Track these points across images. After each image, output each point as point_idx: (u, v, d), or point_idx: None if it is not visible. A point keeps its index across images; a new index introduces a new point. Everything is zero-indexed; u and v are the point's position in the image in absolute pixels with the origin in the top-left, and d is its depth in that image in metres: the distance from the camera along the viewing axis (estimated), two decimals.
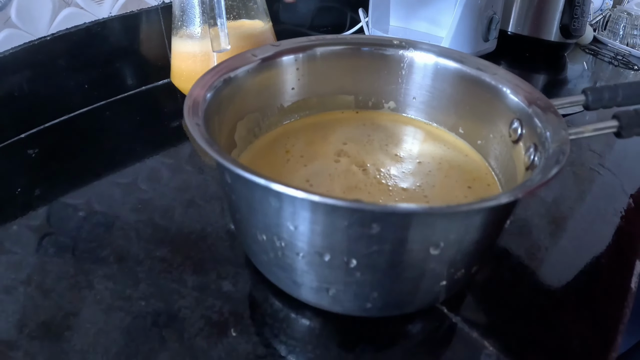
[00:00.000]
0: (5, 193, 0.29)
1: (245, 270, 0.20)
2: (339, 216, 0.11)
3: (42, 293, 0.20)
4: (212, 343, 0.17)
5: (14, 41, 0.34)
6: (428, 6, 0.41)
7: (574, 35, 0.50)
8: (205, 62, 0.31)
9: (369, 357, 0.16)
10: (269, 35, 0.34)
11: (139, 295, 0.19)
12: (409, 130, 0.24)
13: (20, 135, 0.36)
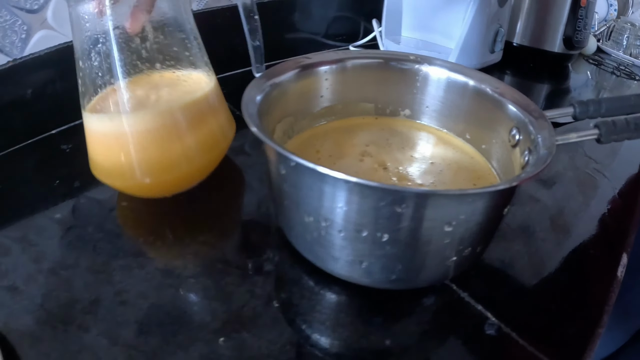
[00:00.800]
0: (33, 186, 0.34)
1: (283, 253, 0.25)
2: (379, 197, 0.17)
3: (62, 283, 0.24)
4: (257, 313, 0.22)
5: (49, 42, 0.40)
6: (438, 18, 0.47)
7: (577, 47, 0.56)
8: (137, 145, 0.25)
9: (387, 326, 0.22)
10: (216, 95, 0.29)
11: (188, 274, 0.24)
12: (423, 135, 0.29)
13: (52, 131, 0.41)
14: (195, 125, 0.26)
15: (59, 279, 0.24)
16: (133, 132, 0.25)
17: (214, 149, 0.29)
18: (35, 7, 0.39)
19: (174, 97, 0.27)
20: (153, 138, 0.25)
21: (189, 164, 0.27)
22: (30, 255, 0.26)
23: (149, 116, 0.25)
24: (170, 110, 0.26)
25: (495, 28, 0.47)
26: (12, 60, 0.39)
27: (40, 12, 0.39)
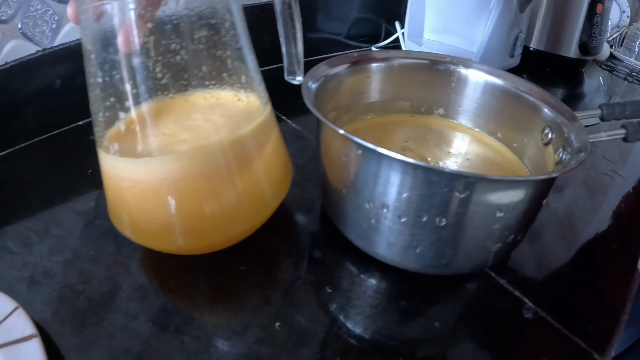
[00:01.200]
0: (57, 177, 0.35)
1: (332, 241, 0.27)
2: (442, 183, 0.19)
3: (81, 277, 0.25)
4: (309, 297, 0.24)
5: (79, 33, 0.42)
6: (460, 22, 0.51)
7: (592, 53, 0.60)
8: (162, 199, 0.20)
9: (435, 310, 0.24)
10: (270, 125, 0.24)
11: (236, 260, 0.26)
12: (457, 133, 0.32)
13: (79, 122, 0.43)
14: (244, 173, 0.22)
15: (77, 271, 0.26)
16: (163, 184, 0.20)
17: (266, 207, 0.24)
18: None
19: (221, 133, 0.21)
20: (190, 192, 0.20)
21: (233, 226, 0.23)
22: (49, 247, 0.28)
23: (186, 162, 0.20)
24: (215, 152, 0.21)
25: (516, 33, 0.50)
26: (42, 50, 0.41)
27: None
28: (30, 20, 0.40)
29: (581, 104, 0.58)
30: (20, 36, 0.40)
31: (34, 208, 0.32)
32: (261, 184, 0.23)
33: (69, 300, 0.24)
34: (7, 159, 0.39)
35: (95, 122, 0.23)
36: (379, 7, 0.54)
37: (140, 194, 0.21)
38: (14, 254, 0.27)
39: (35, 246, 0.28)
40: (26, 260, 0.27)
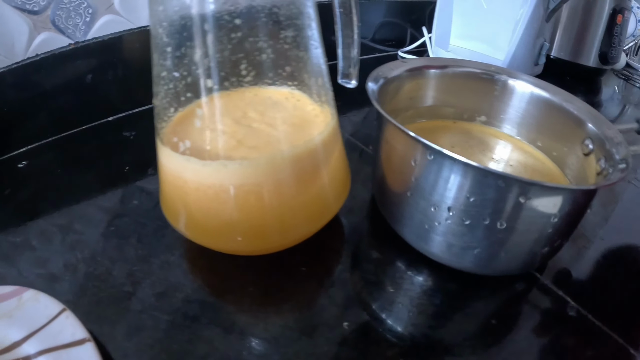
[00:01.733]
0: (83, 173, 0.37)
1: (386, 242, 0.30)
2: (510, 189, 0.22)
3: (102, 273, 0.27)
4: (373, 296, 0.27)
5: (113, 27, 0.44)
6: (486, 30, 0.54)
7: (611, 62, 0.64)
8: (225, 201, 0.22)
9: (491, 308, 0.27)
10: (337, 133, 0.26)
11: (293, 262, 0.29)
12: (498, 140, 0.36)
13: (109, 117, 0.45)
14: (312, 180, 0.23)
15: (98, 269, 0.27)
16: (227, 186, 0.22)
17: (328, 212, 0.26)
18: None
19: (291, 138, 0.23)
20: (254, 197, 0.22)
21: (295, 231, 0.25)
22: (72, 244, 0.29)
23: (255, 168, 0.22)
24: (287, 161, 0.22)
25: (541, 42, 0.54)
26: (75, 43, 0.43)
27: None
28: (63, 13, 0.42)
29: (605, 107, 0.62)
30: (52, 28, 0.42)
31: (62, 204, 0.33)
32: (325, 190, 0.26)
33: (120, 301, 0.25)
34: (36, 153, 0.40)
35: (161, 117, 0.24)
36: (404, 11, 0.58)
37: (204, 195, 0.23)
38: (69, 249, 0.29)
39: (76, 243, 0.30)
40: (66, 258, 0.28)
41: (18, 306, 0.23)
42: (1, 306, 0.24)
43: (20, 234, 0.30)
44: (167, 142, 0.24)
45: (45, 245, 0.29)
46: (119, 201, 0.34)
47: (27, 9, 0.40)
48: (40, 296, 0.24)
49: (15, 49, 0.41)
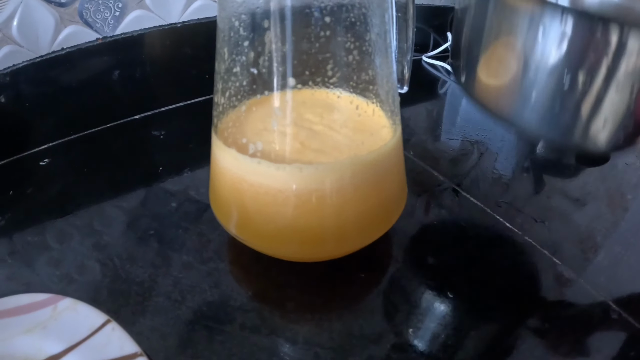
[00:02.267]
0: (107, 172, 0.37)
1: (439, 246, 0.30)
2: None
3: (144, 280, 0.26)
4: (436, 304, 0.27)
5: (143, 23, 0.43)
6: None
7: None
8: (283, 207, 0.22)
9: (547, 315, 0.27)
10: (401, 144, 0.26)
11: (351, 270, 0.29)
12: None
13: (135, 116, 0.44)
14: (373, 190, 0.23)
15: (139, 276, 0.27)
16: (300, 191, 0.22)
17: (387, 222, 0.26)
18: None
19: (359, 149, 0.23)
20: (326, 201, 0.22)
21: (354, 240, 0.25)
22: (90, 244, 0.29)
23: (331, 172, 0.22)
24: (361, 165, 0.22)
25: None
26: (102, 38, 0.42)
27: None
28: (91, 6, 0.41)
29: None
30: (79, 22, 0.41)
31: (89, 204, 0.33)
32: (386, 201, 0.26)
33: (168, 311, 0.25)
34: (59, 150, 0.40)
35: (226, 116, 0.24)
36: (427, 16, 0.58)
37: (273, 199, 0.22)
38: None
39: (109, 247, 0.29)
40: (103, 264, 0.27)
41: (53, 316, 0.22)
42: (34, 316, 0.22)
43: (48, 235, 0.30)
44: (232, 143, 0.23)
45: (78, 249, 0.29)
46: (155, 204, 0.33)
47: (54, 0, 0.39)
48: (79, 305, 0.23)
49: (40, 42, 0.40)
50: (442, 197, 0.35)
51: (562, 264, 0.30)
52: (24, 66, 0.39)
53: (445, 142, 0.44)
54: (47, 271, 0.27)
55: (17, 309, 0.23)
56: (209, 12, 0.45)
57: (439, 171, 0.38)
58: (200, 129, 0.29)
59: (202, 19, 0.45)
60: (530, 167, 0.42)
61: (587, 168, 0.43)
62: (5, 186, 0.34)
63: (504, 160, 0.41)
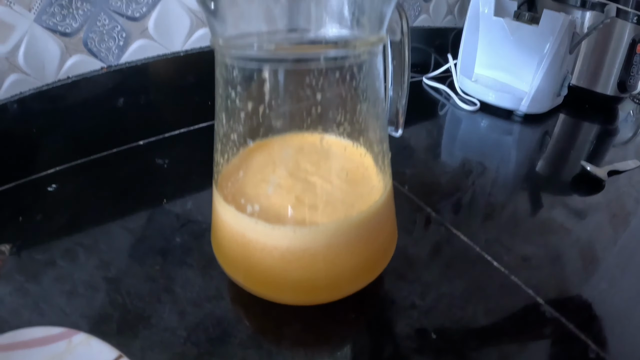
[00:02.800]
0: (112, 195, 0.39)
1: (426, 286, 0.32)
2: None
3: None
4: (422, 342, 0.29)
5: (147, 52, 0.45)
6: (511, 60, 0.57)
7: (629, 90, 0.68)
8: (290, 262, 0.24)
9: (523, 350, 0.30)
10: (392, 198, 0.28)
11: None
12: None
13: (139, 142, 0.46)
14: (365, 244, 0.25)
15: (147, 311, 0.28)
16: (293, 249, 0.24)
17: (377, 269, 0.29)
18: (137, 14, 0.44)
19: (354, 207, 0.25)
20: (317, 258, 0.24)
21: (345, 288, 0.27)
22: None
23: (322, 234, 0.24)
24: (350, 226, 0.24)
25: (564, 73, 0.57)
26: (107, 67, 0.44)
27: (142, 20, 0.44)
28: (96, 36, 0.43)
29: (617, 138, 0.65)
30: (84, 51, 0.43)
31: (98, 235, 0.35)
32: (377, 252, 0.28)
33: (174, 346, 0.26)
34: (66, 175, 0.42)
35: (223, 174, 0.26)
36: (428, 37, 0.60)
37: (269, 255, 0.24)
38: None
39: (120, 281, 0.31)
40: (111, 297, 0.29)
41: (68, 350, 0.24)
42: (49, 349, 0.24)
43: (59, 268, 0.32)
44: (231, 201, 0.25)
45: (85, 283, 0.31)
46: (161, 238, 0.35)
47: (59, 30, 0.41)
48: (92, 340, 0.24)
49: (45, 71, 0.42)
50: (433, 235, 0.37)
51: (545, 303, 0.32)
52: (30, 94, 0.41)
53: (440, 169, 0.46)
54: (59, 302, 0.29)
55: (33, 341, 0.25)
56: None
57: (431, 206, 0.40)
58: (202, 155, 0.31)
59: (205, 47, 0.47)
60: (524, 198, 0.44)
61: (582, 197, 0.45)
62: (15, 211, 0.37)
63: (498, 191, 0.43)
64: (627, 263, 0.37)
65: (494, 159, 0.50)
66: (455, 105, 0.55)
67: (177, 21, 0.45)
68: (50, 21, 0.40)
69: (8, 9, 0.38)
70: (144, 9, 0.44)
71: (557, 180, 0.48)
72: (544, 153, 0.54)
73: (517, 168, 0.50)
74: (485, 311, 0.32)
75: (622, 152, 0.58)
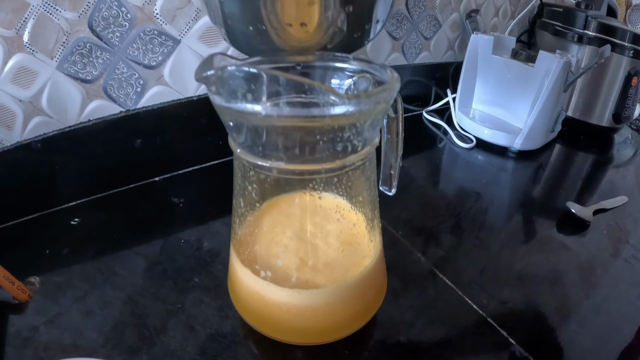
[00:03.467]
0: (128, 227, 0.44)
1: (414, 328, 0.37)
2: None
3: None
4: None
5: (162, 97, 0.50)
6: (508, 98, 0.60)
7: (624, 121, 0.71)
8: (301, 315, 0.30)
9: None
10: (382, 260, 0.34)
11: None
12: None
13: (155, 178, 0.51)
14: (359, 299, 0.31)
15: (172, 344, 0.33)
16: (299, 306, 0.30)
17: (368, 315, 0.34)
18: (153, 63, 0.49)
19: (351, 264, 0.31)
20: (318, 312, 0.30)
21: (340, 332, 0.33)
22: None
23: (321, 295, 0.30)
24: (347, 287, 0.30)
25: (558, 111, 0.61)
26: (125, 111, 0.49)
27: (158, 68, 0.49)
28: (115, 82, 0.48)
29: (610, 167, 0.69)
30: (104, 97, 0.48)
31: (121, 271, 0.39)
32: (369, 303, 0.33)
33: None
34: (87, 208, 0.47)
35: (240, 241, 0.32)
36: (430, 72, 0.64)
37: (278, 309, 0.31)
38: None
39: (145, 316, 0.36)
40: (140, 331, 0.34)
41: None
42: None
43: (86, 303, 0.36)
44: (247, 265, 0.31)
45: (118, 316, 0.35)
46: (180, 278, 0.40)
47: (80, 77, 0.46)
48: None
49: (68, 114, 0.47)
50: (421, 280, 0.41)
51: (516, 344, 0.37)
52: (54, 134, 0.46)
53: (432, 211, 0.51)
54: (91, 334, 0.34)
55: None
56: None
57: (421, 250, 0.44)
58: (213, 189, 0.36)
59: None
60: (508, 241, 0.48)
61: (566, 237, 0.49)
62: (41, 243, 0.42)
63: (484, 234, 0.48)
64: (601, 304, 0.42)
65: (486, 197, 0.54)
66: (453, 141, 0.60)
67: (191, 69, 0.50)
68: (72, 69, 0.45)
69: (31, 56, 0.42)
70: (160, 58, 0.48)
71: (544, 220, 0.52)
72: (535, 190, 0.58)
73: (506, 208, 0.54)
74: (460, 350, 0.36)
75: (612, 186, 0.62)
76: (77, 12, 0.43)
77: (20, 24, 0.41)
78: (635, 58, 0.67)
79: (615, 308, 0.41)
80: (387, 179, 0.36)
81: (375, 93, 0.23)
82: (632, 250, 0.52)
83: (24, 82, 0.43)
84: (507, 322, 0.38)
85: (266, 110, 0.22)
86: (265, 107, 0.22)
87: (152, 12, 0.47)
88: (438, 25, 0.65)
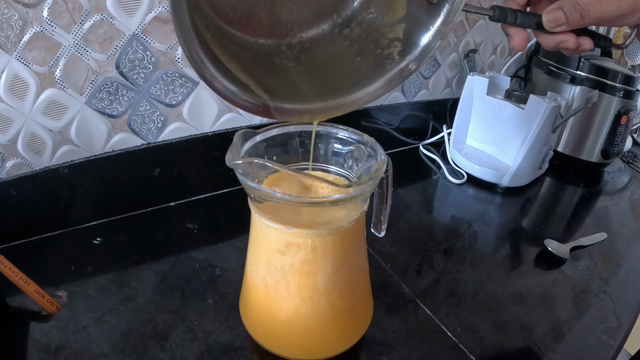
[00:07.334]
0: (141, 246, 0.54)
1: (404, 342, 0.48)
2: None
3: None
4: None
5: (181, 132, 0.60)
6: (499, 136, 0.71)
7: (613, 157, 0.82)
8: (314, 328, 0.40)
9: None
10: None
11: None
12: None
13: (170, 203, 0.62)
14: (351, 324, 0.42)
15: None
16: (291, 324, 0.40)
17: (357, 336, 0.44)
18: (173, 102, 0.59)
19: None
20: (315, 336, 0.41)
21: (333, 351, 0.42)
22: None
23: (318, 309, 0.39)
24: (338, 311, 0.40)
25: (546, 150, 0.71)
26: (147, 144, 0.59)
27: (178, 106, 0.59)
28: (138, 118, 0.58)
29: (599, 201, 0.79)
30: (128, 130, 0.58)
31: (139, 291, 0.49)
32: (361, 326, 0.44)
33: None
34: (108, 228, 0.57)
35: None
36: (427, 107, 0.74)
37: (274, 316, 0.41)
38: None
39: (167, 333, 0.47)
40: (166, 350, 0.45)
41: None
42: None
43: (111, 315, 0.46)
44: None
45: (134, 332, 0.45)
46: (197, 299, 0.49)
47: (106, 112, 0.56)
48: None
49: (94, 145, 0.57)
50: (403, 309, 0.51)
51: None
52: (80, 161, 0.55)
53: (421, 245, 0.61)
54: (114, 352, 0.44)
55: None
56: (236, 123, 0.62)
57: (407, 283, 0.55)
58: (222, 214, 0.45)
59: (230, 128, 0.62)
60: (487, 276, 0.58)
61: (543, 273, 0.59)
62: (67, 259, 0.52)
63: (465, 269, 0.58)
64: (567, 336, 0.52)
65: (471, 232, 0.64)
66: (445, 176, 0.70)
67: (208, 107, 0.60)
68: (99, 104, 0.54)
69: (62, 91, 0.51)
70: (180, 97, 0.59)
71: (524, 256, 0.61)
72: (518, 226, 0.67)
73: (490, 244, 0.63)
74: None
75: (596, 220, 0.73)
76: (105, 54, 0.52)
77: (52, 62, 0.49)
78: (626, 98, 0.77)
79: (579, 341, 0.50)
80: (378, 224, 0.47)
81: (365, 181, 0.33)
82: (604, 286, 0.63)
83: (55, 114, 0.52)
84: (476, 349, 0.48)
85: (281, 194, 0.32)
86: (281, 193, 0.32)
87: (174, 57, 0.57)
88: (437, 65, 0.75)
